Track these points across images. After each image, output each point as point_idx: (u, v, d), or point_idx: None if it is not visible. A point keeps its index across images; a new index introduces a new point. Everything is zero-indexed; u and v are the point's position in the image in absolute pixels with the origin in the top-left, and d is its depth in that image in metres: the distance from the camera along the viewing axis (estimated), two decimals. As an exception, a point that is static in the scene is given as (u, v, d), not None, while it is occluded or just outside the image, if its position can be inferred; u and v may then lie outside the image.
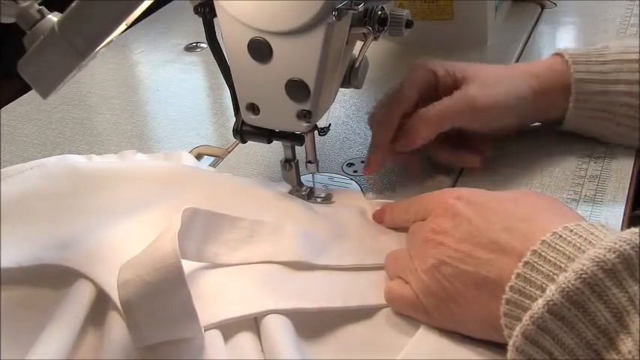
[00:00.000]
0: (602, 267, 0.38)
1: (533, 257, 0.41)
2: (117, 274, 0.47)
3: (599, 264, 0.38)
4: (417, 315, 0.50)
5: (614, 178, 0.63)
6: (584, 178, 0.63)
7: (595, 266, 0.38)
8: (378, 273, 0.54)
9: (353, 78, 0.59)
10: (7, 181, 0.59)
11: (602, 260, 0.38)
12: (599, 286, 0.38)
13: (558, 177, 0.64)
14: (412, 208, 0.55)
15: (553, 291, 0.39)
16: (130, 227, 0.56)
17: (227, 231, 0.54)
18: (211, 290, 0.51)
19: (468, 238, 0.46)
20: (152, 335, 0.46)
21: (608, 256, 0.38)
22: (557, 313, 0.38)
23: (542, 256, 0.41)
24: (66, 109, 0.84)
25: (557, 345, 0.39)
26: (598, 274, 0.38)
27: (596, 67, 0.63)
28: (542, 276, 0.41)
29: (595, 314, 0.38)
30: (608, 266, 0.38)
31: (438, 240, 0.48)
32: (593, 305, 0.38)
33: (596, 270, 0.38)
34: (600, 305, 0.38)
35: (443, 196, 0.51)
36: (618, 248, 0.38)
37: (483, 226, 0.46)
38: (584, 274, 0.38)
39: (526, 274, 0.41)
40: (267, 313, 0.49)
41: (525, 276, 0.41)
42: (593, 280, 0.38)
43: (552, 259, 0.41)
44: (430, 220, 0.51)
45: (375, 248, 0.56)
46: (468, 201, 0.49)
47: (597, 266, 0.38)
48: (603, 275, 0.38)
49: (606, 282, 0.38)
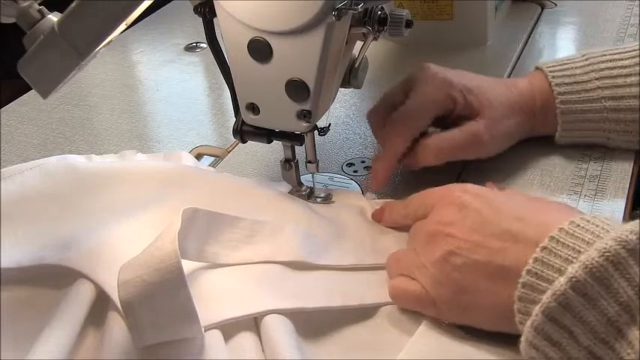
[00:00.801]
0: (624, 246, 0.39)
1: (551, 243, 0.42)
2: (117, 274, 0.47)
3: (621, 243, 0.39)
4: (423, 309, 0.50)
5: (614, 178, 0.63)
6: (584, 178, 0.63)
7: (618, 245, 0.39)
8: (379, 273, 0.54)
9: (353, 78, 0.59)
10: (7, 181, 0.59)
11: (625, 240, 0.39)
12: (622, 264, 0.39)
13: (558, 177, 0.64)
14: (411, 205, 0.55)
15: (576, 268, 0.40)
16: (130, 227, 0.56)
17: (227, 231, 0.54)
18: (211, 290, 0.51)
19: (478, 228, 0.47)
20: (152, 335, 0.46)
21: (630, 236, 0.40)
22: (580, 290, 0.39)
23: (560, 241, 0.42)
24: (66, 109, 0.84)
25: (577, 322, 0.39)
26: (621, 252, 0.39)
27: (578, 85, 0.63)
28: (560, 260, 0.41)
29: (617, 291, 0.39)
30: (631, 246, 0.39)
31: (446, 231, 0.48)
32: (615, 282, 0.39)
33: (619, 249, 0.39)
34: (623, 282, 0.39)
35: (446, 190, 0.52)
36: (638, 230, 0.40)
37: (494, 217, 0.47)
38: (608, 252, 0.39)
39: (544, 257, 0.42)
40: (267, 313, 0.49)
41: (543, 260, 0.42)
42: (616, 258, 0.39)
43: (571, 244, 0.42)
44: (435, 214, 0.51)
45: (375, 248, 0.56)
46: (475, 194, 0.50)
47: (620, 245, 0.39)
48: (626, 254, 0.39)
49: (629, 260, 0.39)
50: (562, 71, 0.65)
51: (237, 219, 0.55)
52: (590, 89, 0.63)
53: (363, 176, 0.67)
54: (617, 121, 0.63)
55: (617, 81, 0.62)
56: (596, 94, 0.63)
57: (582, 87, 0.63)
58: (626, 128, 0.63)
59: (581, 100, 0.63)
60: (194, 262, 0.53)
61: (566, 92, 0.64)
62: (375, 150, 0.70)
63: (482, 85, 0.65)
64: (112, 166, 0.64)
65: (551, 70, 0.65)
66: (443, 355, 0.47)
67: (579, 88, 0.63)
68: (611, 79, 0.62)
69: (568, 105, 0.64)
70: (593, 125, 0.64)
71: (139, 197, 0.60)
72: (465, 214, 0.48)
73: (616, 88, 0.62)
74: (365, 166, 0.68)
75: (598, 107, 0.63)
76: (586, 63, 0.64)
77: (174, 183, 0.61)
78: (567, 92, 0.64)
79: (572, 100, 0.64)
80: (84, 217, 0.57)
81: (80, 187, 0.60)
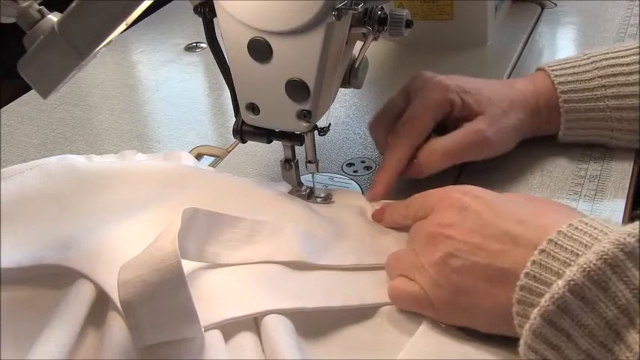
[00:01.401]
0: (622, 249, 0.39)
1: (549, 246, 0.42)
2: (117, 274, 0.47)
3: (619, 246, 0.39)
4: (422, 310, 0.50)
5: (614, 178, 0.63)
6: (584, 178, 0.63)
7: (616, 248, 0.39)
8: (379, 273, 0.54)
9: (353, 78, 0.59)
10: (7, 181, 0.59)
11: (623, 243, 0.39)
12: (620, 267, 0.39)
13: (558, 177, 0.64)
14: (412, 206, 0.55)
15: (574, 271, 0.39)
16: (130, 227, 0.56)
17: (227, 231, 0.54)
18: (212, 290, 0.51)
19: (477, 230, 0.47)
20: (152, 335, 0.46)
21: (628, 239, 0.39)
22: (578, 293, 0.39)
23: (558, 244, 0.42)
24: (66, 109, 0.84)
25: (576, 326, 0.39)
26: (619, 255, 0.39)
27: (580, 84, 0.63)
28: (558, 263, 0.41)
29: (616, 294, 0.39)
30: (629, 249, 0.39)
31: (446, 233, 0.48)
32: (614, 285, 0.39)
33: (617, 252, 0.39)
34: (621, 285, 0.39)
35: (447, 192, 0.52)
36: (638, 233, 0.39)
37: (494, 219, 0.47)
38: (606, 255, 0.39)
39: (542, 260, 0.42)
40: (267, 313, 0.49)
41: (541, 263, 0.42)
42: (614, 261, 0.39)
43: (569, 247, 0.41)
44: (435, 215, 0.51)
45: (375, 248, 0.56)
46: (475, 196, 0.49)
47: (618, 248, 0.39)
48: (624, 257, 0.39)
49: (627, 263, 0.39)
50: (565, 69, 0.65)
51: (237, 219, 0.55)
52: (594, 88, 0.63)
53: (363, 176, 0.67)
54: (621, 120, 0.63)
55: (619, 79, 0.62)
56: (600, 92, 0.62)
57: (585, 86, 0.63)
58: (629, 127, 0.63)
59: (585, 99, 0.63)
60: (194, 262, 0.53)
61: (569, 91, 0.63)
62: (375, 150, 0.70)
63: (478, 85, 0.64)
64: (112, 166, 0.64)
65: (554, 69, 0.65)
66: (442, 355, 0.47)
67: (582, 86, 0.63)
68: (614, 78, 0.62)
69: (571, 104, 0.64)
70: (596, 124, 0.64)
71: (139, 197, 0.60)
72: (464, 217, 0.48)
73: (619, 87, 0.62)
74: (365, 166, 0.68)
75: (601, 106, 0.63)
76: (589, 62, 0.64)
77: (175, 183, 0.61)
78: (570, 91, 0.63)
79: (575, 99, 0.63)
80: (84, 217, 0.57)
81: (80, 187, 0.60)
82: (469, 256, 0.46)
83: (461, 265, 0.46)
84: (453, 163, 0.62)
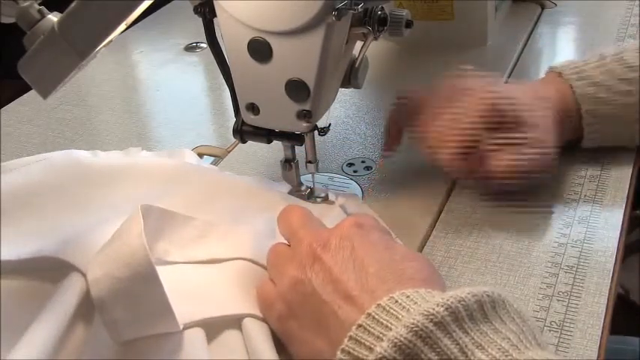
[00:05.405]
0: (432, 320, 0.38)
1: (366, 320, 0.41)
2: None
3: (428, 317, 0.38)
4: (267, 319, 0.49)
5: (614, 178, 0.63)
6: (584, 178, 0.63)
7: (425, 319, 0.38)
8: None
9: (353, 78, 0.59)
10: (11, 173, 0.59)
11: (432, 314, 0.38)
12: (430, 338, 0.38)
13: (558, 177, 0.64)
14: (286, 228, 0.53)
15: (385, 347, 0.38)
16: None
17: (179, 229, 0.54)
18: (189, 288, 0.51)
19: (340, 268, 0.45)
20: (129, 331, 0.46)
21: (437, 309, 0.39)
22: None
23: (374, 319, 0.41)
24: (66, 109, 0.84)
25: None
26: (429, 326, 0.38)
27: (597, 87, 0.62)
28: (372, 338, 0.40)
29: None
30: (438, 319, 0.38)
31: (318, 252, 0.47)
32: (426, 357, 0.38)
33: (426, 322, 0.38)
34: (434, 356, 0.38)
35: (311, 237, 0.49)
36: (446, 302, 0.39)
37: (348, 271, 0.45)
38: (415, 327, 0.38)
39: (357, 335, 0.41)
40: (244, 316, 0.49)
41: (357, 338, 0.41)
42: (425, 332, 0.38)
43: (384, 321, 0.40)
44: (324, 232, 0.49)
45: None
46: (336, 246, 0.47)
47: (427, 319, 0.38)
48: (434, 327, 0.38)
49: (437, 333, 0.38)
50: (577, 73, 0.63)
51: (189, 218, 0.55)
52: (614, 91, 0.62)
53: (363, 176, 0.67)
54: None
55: None
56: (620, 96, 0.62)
57: (605, 89, 0.62)
58: None
59: (606, 102, 0.62)
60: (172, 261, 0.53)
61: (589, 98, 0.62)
62: (375, 150, 0.70)
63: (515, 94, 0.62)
64: (116, 163, 0.64)
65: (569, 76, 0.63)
66: None
67: (602, 91, 0.62)
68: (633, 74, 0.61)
69: (594, 108, 0.62)
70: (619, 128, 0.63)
71: (140, 195, 0.60)
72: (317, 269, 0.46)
73: None
74: (365, 166, 0.68)
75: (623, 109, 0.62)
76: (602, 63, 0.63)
77: (177, 181, 0.61)
78: (591, 97, 0.62)
79: (598, 101, 0.62)
80: (85, 212, 0.57)
81: (84, 182, 0.60)
82: (317, 287, 0.45)
83: (311, 290, 0.45)
84: None
